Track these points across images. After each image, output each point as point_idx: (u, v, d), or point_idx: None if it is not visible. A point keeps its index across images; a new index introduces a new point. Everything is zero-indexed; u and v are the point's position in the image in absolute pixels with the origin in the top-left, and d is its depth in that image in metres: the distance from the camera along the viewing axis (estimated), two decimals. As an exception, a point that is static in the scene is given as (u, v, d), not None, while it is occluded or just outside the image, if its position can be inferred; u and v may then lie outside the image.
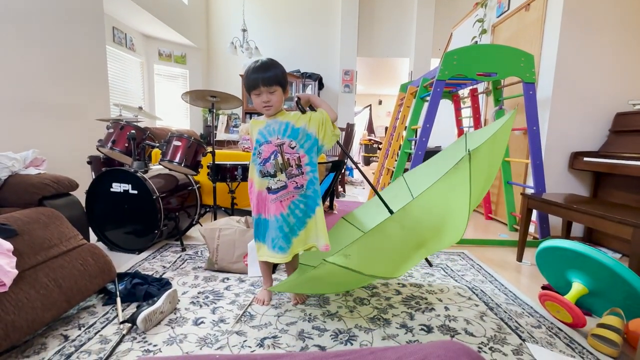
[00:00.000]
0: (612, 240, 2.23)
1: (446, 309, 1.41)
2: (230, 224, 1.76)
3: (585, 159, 2.30)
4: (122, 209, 1.94)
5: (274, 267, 1.75)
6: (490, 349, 1.15)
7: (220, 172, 2.26)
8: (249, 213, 2.16)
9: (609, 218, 1.49)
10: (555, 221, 2.38)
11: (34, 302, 1.07)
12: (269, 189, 1.30)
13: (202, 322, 1.26)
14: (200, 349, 1.11)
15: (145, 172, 2.01)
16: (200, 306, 1.37)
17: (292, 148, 1.29)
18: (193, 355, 1.02)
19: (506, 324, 1.31)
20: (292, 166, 1.29)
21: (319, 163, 1.41)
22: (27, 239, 1.19)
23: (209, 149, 2.23)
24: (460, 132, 3.36)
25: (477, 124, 3.12)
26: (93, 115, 2.84)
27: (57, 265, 1.22)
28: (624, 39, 2.34)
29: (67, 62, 2.73)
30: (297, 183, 1.30)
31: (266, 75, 1.24)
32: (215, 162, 2.22)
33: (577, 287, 1.35)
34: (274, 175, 1.28)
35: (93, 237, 1.99)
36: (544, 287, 1.57)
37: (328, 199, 3.12)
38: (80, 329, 1.19)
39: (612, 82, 2.38)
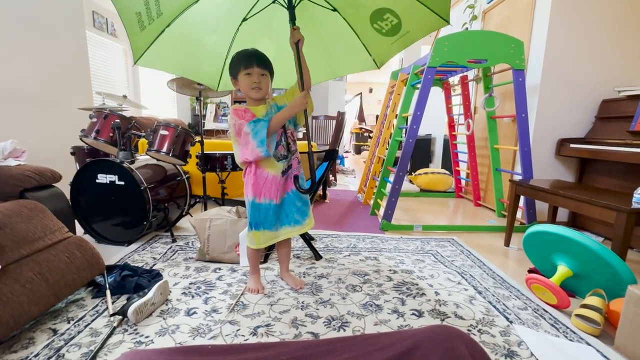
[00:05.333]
0: (596, 224, 2.30)
1: (436, 293, 1.44)
2: (221, 214, 1.74)
3: (572, 145, 2.34)
4: (109, 201, 1.89)
5: (265, 257, 1.75)
6: (479, 331, 1.18)
7: (209, 162, 2.23)
8: (239, 203, 2.15)
9: (594, 203, 1.53)
10: (542, 206, 2.44)
11: (20, 296, 1.04)
12: (282, 172, 1.34)
13: (194, 313, 1.25)
14: (193, 339, 1.10)
15: (132, 162, 1.96)
16: (192, 297, 1.37)
17: (287, 126, 1.35)
18: (185, 346, 1.02)
19: (494, 306, 1.35)
20: (290, 143, 1.35)
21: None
22: (9, 232, 1.15)
23: (198, 138, 2.19)
24: (451, 119, 3.38)
25: (467, 112, 3.14)
26: (75, 104, 2.74)
27: (42, 259, 1.18)
28: (611, 26, 2.36)
29: (45, 49, 2.60)
30: (298, 158, 1.39)
31: (261, 58, 1.26)
32: (204, 152, 2.18)
33: (562, 270, 1.39)
34: (285, 157, 1.34)
35: (80, 230, 1.95)
36: (530, 271, 1.62)
37: (320, 189, 3.12)
38: (69, 323, 1.17)
39: (599, 69, 2.41)
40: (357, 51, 1.53)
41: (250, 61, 1.24)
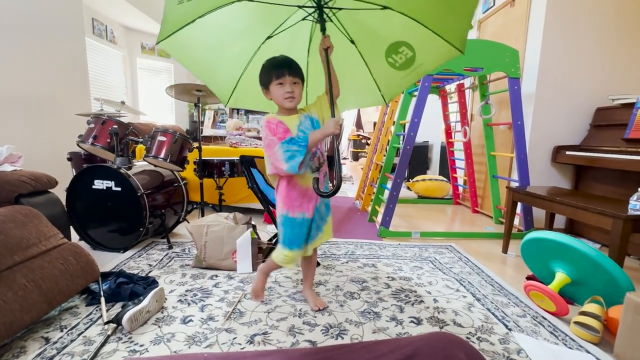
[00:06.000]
0: (592, 230, 2.31)
1: (435, 301, 1.43)
2: (219, 220, 1.73)
3: (567, 152, 2.36)
4: (105, 207, 1.88)
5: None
6: (477, 338, 1.17)
7: (207, 168, 2.22)
8: (237, 209, 2.14)
9: (590, 209, 1.54)
10: (539, 213, 2.44)
11: (12, 304, 1.02)
12: (316, 171, 1.25)
13: (190, 320, 1.23)
14: (189, 347, 1.09)
15: (129, 168, 1.95)
16: (188, 304, 1.35)
17: None
18: (181, 355, 1.00)
19: (493, 314, 1.34)
20: (321, 155, 1.29)
21: None
22: (2, 238, 1.13)
23: (196, 144, 2.19)
24: (448, 127, 3.40)
25: (463, 119, 3.16)
26: (73, 110, 2.73)
27: (36, 265, 1.17)
28: (605, 35, 2.40)
29: (44, 55, 2.61)
30: (325, 171, 1.31)
31: (293, 66, 1.22)
32: (202, 158, 2.18)
33: (560, 277, 1.39)
34: (317, 169, 1.26)
35: (75, 236, 1.93)
36: (528, 278, 1.62)
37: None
38: (62, 331, 1.15)
39: (593, 78, 2.45)
40: (368, 86, 1.49)
41: (282, 70, 1.20)
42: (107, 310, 1.27)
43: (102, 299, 1.31)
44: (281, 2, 1.24)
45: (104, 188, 1.86)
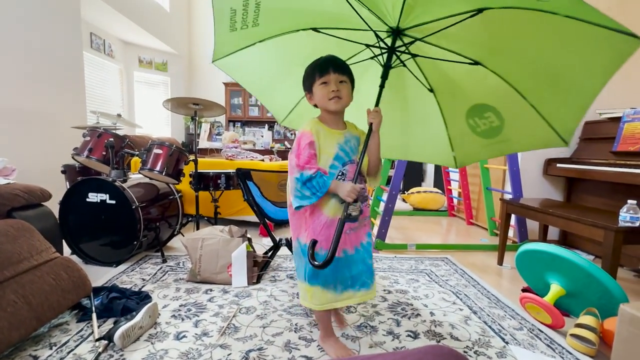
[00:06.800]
0: (586, 242, 2.33)
1: (432, 314, 1.43)
2: (214, 233, 1.72)
3: (558, 165, 2.41)
4: (99, 220, 1.86)
5: (258, 278, 1.72)
6: (475, 352, 1.16)
7: (202, 181, 2.22)
8: (232, 222, 2.12)
9: (582, 221, 1.56)
10: (533, 225, 2.47)
11: (0, 321, 1.00)
12: (349, 216, 1.00)
13: (184, 336, 1.21)
14: (182, 364, 1.06)
15: (124, 181, 1.94)
16: (182, 319, 1.32)
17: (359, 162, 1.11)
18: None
19: (490, 327, 1.34)
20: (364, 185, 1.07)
21: None
22: (-7, 253, 1.11)
23: (191, 157, 2.19)
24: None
25: (456, 132, 3.22)
26: (69, 123, 2.73)
27: (26, 280, 1.14)
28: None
29: (41, 68, 2.63)
30: (369, 205, 1.16)
31: (339, 63, 1.06)
32: (198, 171, 2.18)
33: (555, 289, 1.40)
34: (355, 201, 1.00)
35: (67, 250, 1.90)
36: (524, 290, 1.62)
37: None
38: (51, 349, 1.12)
39: (580, 93, 2.52)
40: (439, 142, 1.28)
41: (326, 67, 1.03)
42: (98, 327, 1.24)
43: (94, 315, 1.28)
44: (348, 38, 1.10)
45: (98, 201, 1.85)
